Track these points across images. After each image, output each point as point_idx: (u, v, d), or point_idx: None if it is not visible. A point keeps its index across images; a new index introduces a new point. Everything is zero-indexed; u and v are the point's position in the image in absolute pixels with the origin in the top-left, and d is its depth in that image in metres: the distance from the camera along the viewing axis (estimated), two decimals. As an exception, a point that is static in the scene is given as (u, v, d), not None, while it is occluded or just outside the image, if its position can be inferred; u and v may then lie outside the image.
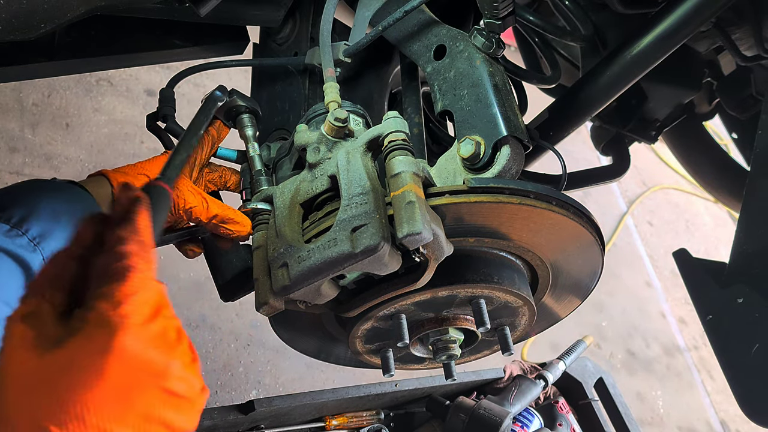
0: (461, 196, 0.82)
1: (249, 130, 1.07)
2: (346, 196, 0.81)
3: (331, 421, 1.68)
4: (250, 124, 1.07)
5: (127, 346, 0.47)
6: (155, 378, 0.49)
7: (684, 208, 4.86)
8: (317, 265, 0.80)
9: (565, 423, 1.86)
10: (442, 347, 1.03)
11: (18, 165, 2.45)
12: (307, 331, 1.16)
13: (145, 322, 0.49)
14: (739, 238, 1.10)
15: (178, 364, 0.50)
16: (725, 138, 3.25)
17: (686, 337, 3.87)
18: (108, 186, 0.91)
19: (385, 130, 0.84)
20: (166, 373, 0.50)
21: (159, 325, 0.50)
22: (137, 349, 0.48)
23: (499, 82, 0.94)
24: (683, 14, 1.01)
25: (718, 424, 3.51)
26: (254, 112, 1.08)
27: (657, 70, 1.11)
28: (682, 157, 2.02)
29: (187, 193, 0.92)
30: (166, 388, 0.50)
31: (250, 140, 1.06)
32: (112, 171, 0.94)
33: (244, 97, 1.07)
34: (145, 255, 0.52)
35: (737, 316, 1.09)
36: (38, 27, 0.74)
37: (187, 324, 2.40)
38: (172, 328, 0.52)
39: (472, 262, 0.94)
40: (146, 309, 0.50)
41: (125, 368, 0.47)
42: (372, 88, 1.25)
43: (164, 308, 0.52)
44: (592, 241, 0.94)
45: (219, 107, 1.00)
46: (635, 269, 4.04)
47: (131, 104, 2.89)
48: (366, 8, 1.12)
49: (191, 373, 0.52)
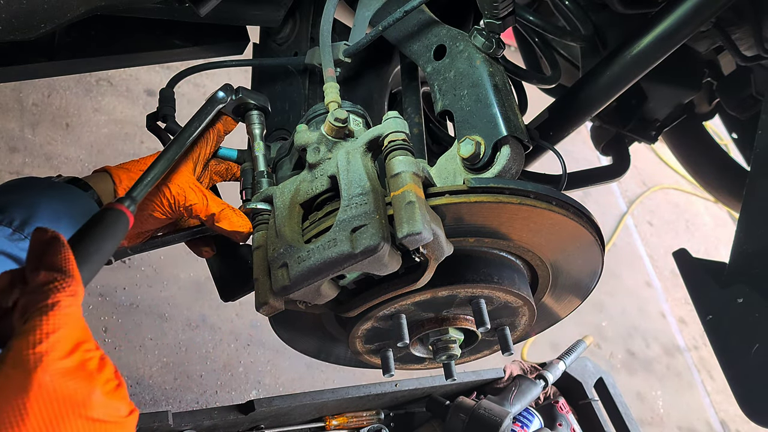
0: (461, 196, 0.82)
1: (257, 128, 1.05)
2: (346, 196, 0.81)
3: (331, 421, 1.68)
4: (259, 122, 1.05)
5: (45, 382, 0.49)
6: (78, 408, 0.51)
7: (684, 208, 4.87)
8: (317, 266, 0.80)
9: (565, 423, 1.86)
10: (442, 347, 1.03)
11: (18, 165, 2.45)
12: (307, 331, 1.16)
13: (63, 357, 0.51)
14: (739, 238, 1.10)
15: (99, 393, 0.52)
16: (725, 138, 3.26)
17: (686, 337, 3.87)
18: (110, 182, 0.92)
19: (385, 130, 0.84)
20: (87, 402, 0.51)
21: (77, 358, 0.52)
22: (56, 383, 0.50)
23: (499, 82, 0.94)
24: (683, 14, 1.01)
25: (718, 424, 3.51)
26: (264, 109, 1.06)
27: (657, 70, 1.11)
28: (682, 157, 2.02)
29: (188, 190, 0.92)
30: (89, 417, 0.51)
31: (256, 138, 1.05)
32: (115, 167, 0.95)
33: (254, 94, 1.05)
34: (69, 289, 0.54)
35: (737, 316, 1.09)
36: (38, 27, 0.74)
37: (187, 324, 2.41)
38: (93, 359, 0.53)
39: (472, 262, 0.94)
40: (65, 345, 0.51)
41: (46, 403, 0.49)
42: (372, 88, 1.25)
43: (85, 342, 0.53)
44: (592, 241, 0.94)
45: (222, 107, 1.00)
46: (635, 269, 4.05)
47: (131, 104, 2.89)
48: (366, 8, 1.12)
49: (116, 399, 0.54)
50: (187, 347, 2.37)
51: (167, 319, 2.38)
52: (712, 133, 1.99)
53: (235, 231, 0.95)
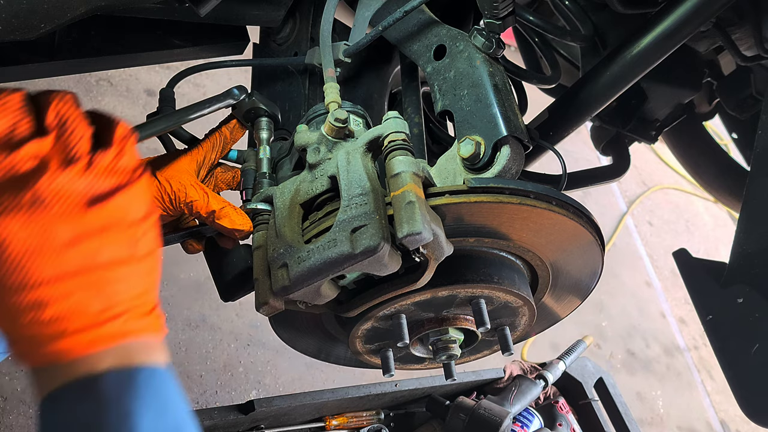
0: (461, 196, 0.82)
1: (264, 133, 1.07)
2: (345, 196, 0.81)
3: (331, 421, 1.68)
4: (267, 128, 1.07)
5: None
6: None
7: (684, 208, 4.87)
8: (317, 266, 0.80)
9: (565, 423, 1.86)
10: (442, 347, 1.03)
11: (18, 165, 2.44)
12: (307, 331, 1.16)
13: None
14: (739, 238, 1.10)
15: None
16: (725, 138, 3.26)
17: (686, 337, 3.87)
18: None
19: (385, 130, 0.84)
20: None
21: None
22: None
23: (499, 82, 0.94)
24: (683, 14, 1.01)
25: (718, 424, 3.51)
26: (274, 117, 1.09)
27: (657, 70, 1.11)
28: (682, 157, 2.02)
29: (189, 187, 0.92)
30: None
31: (263, 143, 1.06)
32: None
33: (267, 101, 1.08)
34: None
35: (737, 316, 1.09)
36: (38, 27, 0.74)
37: (187, 324, 2.41)
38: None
39: (472, 262, 0.94)
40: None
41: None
42: (372, 88, 1.25)
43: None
44: (592, 241, 0.94)
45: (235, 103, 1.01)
46: (635, 269, 4.05)
47: (131, 104, 2.89)
48: (366, 8, 1.12)
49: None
50: (187, 347, 2.38)
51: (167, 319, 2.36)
52: (712, 133, 1.99)
53: (235, 229, 0.95)
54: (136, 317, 0.62)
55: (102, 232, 0.59)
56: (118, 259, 0.60)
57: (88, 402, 0.57)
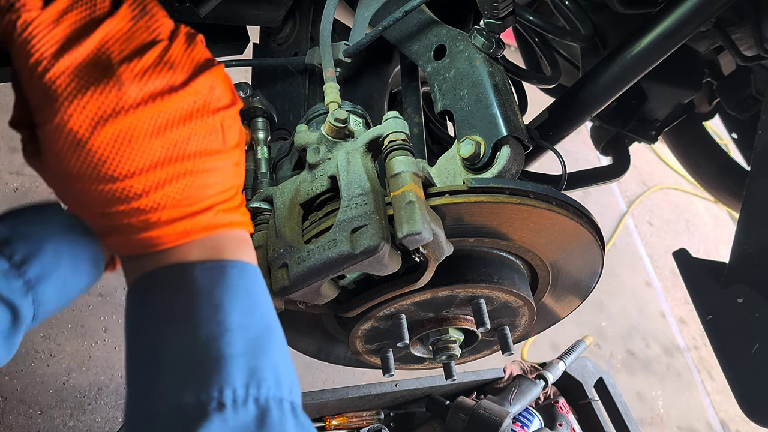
0: (461, 196, 0.82)
1: (261, 133, 1.09)
2: (345, 196, 0.81)
3: (331, 421, 1.68)
4: (263, 128, 1.10)
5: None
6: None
7: (684, 208, 4.87)
8: (317, 266, 0.80)
9: (565, 423, 1.86)
10: (442, 347, 1.03)
11: (18, 165, 2.44)
12: (307, 331, 1.16)
13: None
14: (739, 238, 1.10)
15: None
16: (725, 138, 3.26)
17: (686, 337, 3.87)
18: None
19: (385, 130, 0.84)
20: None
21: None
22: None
23: (499, 82, 0.94)
24: (683, 14, 1.01)
25: (718, 424, 3.51)
26: (270, 117, 1.11)
27: (657, 70, 1.10)
28: (682, 157, 2.02)
29: None
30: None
31: (260, 143, 1.08)
32: None
33: (264, 101, 1.10)
34: None
35: (737, 316, 1.08)
36: (38, 27, 0.74)
37: (187, 324, 2.41)
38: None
39: (472, 262, 0.94)
40: None
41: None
42: (372, 88, 1.25)
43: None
44: (592, 241, 0.94)
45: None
46: (635, 269, 4.05)
47: (131, 104, 2.89)
48: (366, 8, 1.12)
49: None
50: (187, 347, 2.37)
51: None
52: (712, 133, 1.99)
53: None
54: (226, 210, 0.60)
55: (188, 120, 0.56)
56: (208, 150, 0.57)
57: (178, 291, 0.55)
